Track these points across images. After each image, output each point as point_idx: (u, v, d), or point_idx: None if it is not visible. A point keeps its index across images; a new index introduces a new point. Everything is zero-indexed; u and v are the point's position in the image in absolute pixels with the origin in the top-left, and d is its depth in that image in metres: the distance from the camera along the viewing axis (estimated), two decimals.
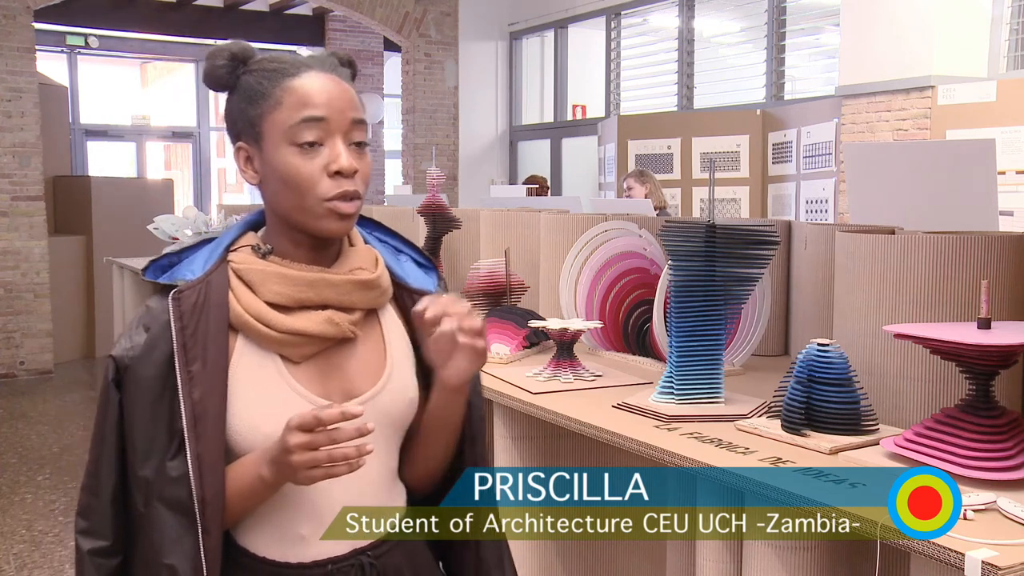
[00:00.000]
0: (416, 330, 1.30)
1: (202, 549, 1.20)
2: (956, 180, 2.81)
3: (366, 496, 1.31)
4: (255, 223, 1.36)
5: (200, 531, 1.20)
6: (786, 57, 7.03)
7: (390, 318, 1.37)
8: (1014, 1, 5.39)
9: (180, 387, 1.21)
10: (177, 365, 1.22)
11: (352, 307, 1.29)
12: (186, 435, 1.20)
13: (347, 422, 1.14)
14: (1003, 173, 4.59)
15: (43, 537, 4.29)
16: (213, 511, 1.21)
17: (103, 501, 1.26)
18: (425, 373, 1.35)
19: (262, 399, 1.25)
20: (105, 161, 11.37)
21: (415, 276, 1.41)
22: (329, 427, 1.14)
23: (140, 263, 5.90)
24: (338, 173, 1.23)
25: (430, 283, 1.41)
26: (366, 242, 1.37)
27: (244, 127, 1.27)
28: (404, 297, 1.37)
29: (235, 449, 1.24)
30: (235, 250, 1.30)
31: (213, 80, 1.29)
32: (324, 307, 1.27)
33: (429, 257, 1.46)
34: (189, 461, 1.20)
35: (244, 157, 1.29)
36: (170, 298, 1.24)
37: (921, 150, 3.50)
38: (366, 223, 1.41)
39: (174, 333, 1.23)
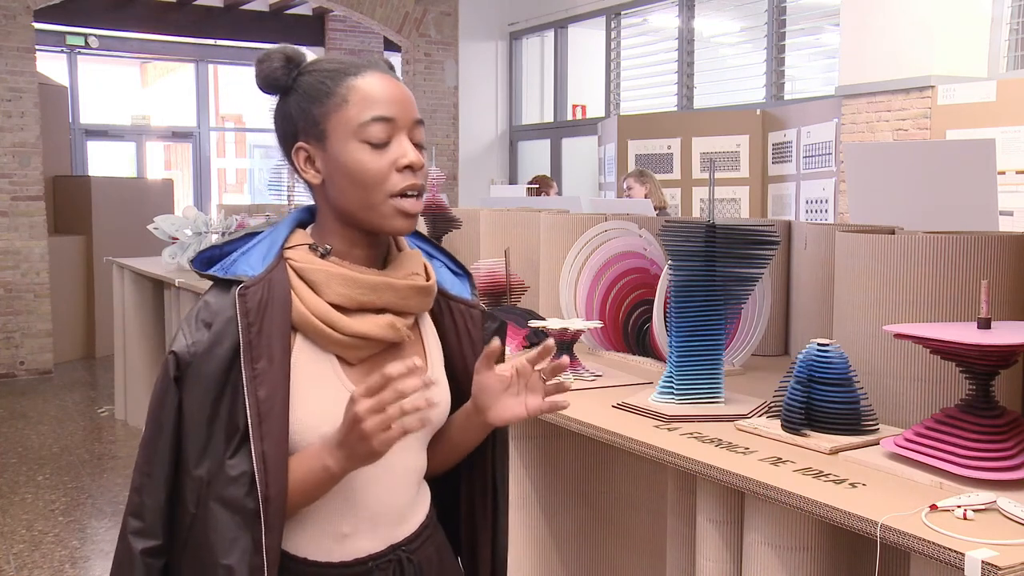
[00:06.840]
0: (452, 353, 1.38)
1: (264, 548, 1.19)
2: (956, 180, 2.81)
3: (401, 493, 1.34)
4: (302, 221, 1.36)
5: (264, 529, 1.19)
6: (786, 57, 7.03)
7: (427, 323, 1.40)
8: (1014, 1, 5.39)
9: (245, 384, 1.20)
10: (243, 362, 1.21)
11: (408, 311, 1.31)
12: (251, 434, 1.19)
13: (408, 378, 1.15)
14: (1003, 173, 4.59)
15: (43, 537, 4.28)
16: (276, 509, 1.20)
17: (158, 501, 1.23)
18: (449, 378, 1.40)
19: (320, 399, 1.25)
20: (105, 161, 11.36)
21: (451, 282, 1.44)
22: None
23: (140, 263, 5.91)
24: (407, 167, 1.25)
25: (464, 290, 1.45)
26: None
27: (306, 126, 1.27)
28: (439, 302, 1.40)
29: (291, 448, 1.24)
30: (289, 248, 1.30)
31: (269, 82, 1.29)
32: (382, 310, 1.28)
33: (462, 264, 1.49)
34: (254, 460, 1.19)
35: (304, 157, 1.29)
36: (236, 294, 1.23)
37: (921, 150, 3.49)
38: None
39: (240, 330, 1.21)
